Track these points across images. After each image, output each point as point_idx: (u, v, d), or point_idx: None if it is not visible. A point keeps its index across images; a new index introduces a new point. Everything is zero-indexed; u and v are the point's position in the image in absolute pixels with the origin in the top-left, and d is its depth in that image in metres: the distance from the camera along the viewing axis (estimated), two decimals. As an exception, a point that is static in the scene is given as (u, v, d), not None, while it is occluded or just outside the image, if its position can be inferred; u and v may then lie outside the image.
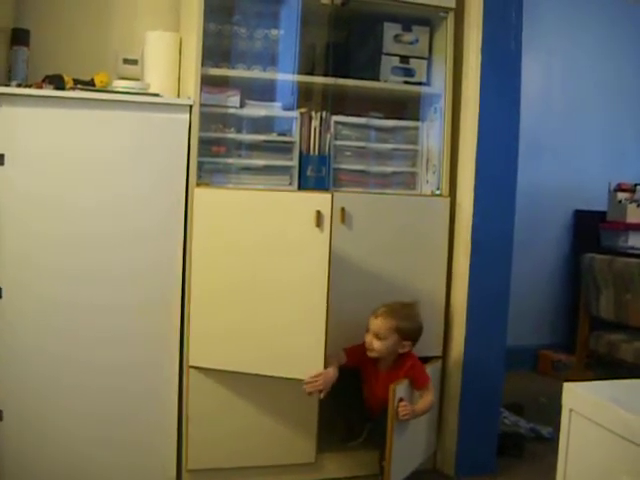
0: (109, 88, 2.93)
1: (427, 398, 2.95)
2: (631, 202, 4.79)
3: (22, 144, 2.71)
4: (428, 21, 3.27)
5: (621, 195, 4.85)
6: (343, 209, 3.00)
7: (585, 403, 1.65)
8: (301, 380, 2.77)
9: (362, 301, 3.03)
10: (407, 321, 2.94)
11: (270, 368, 2.84)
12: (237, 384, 2.96)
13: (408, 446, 2.98)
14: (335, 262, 2.89)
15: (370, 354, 2.95)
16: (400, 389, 2.82)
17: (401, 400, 2.80)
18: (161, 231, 2.87)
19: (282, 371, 2.83)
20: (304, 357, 2.79)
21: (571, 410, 1.68)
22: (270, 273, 2.88)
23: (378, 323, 2.91)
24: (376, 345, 2.91)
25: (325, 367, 2.76)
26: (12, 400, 2.78)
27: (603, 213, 4.94)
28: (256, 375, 2.86)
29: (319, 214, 2.77)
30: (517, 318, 3.72)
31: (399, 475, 2.92)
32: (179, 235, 2.88)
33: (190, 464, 2.96)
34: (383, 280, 3.11)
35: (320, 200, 2.78)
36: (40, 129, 2.73)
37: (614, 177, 4.95)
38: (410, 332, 2.94)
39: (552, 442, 3.53)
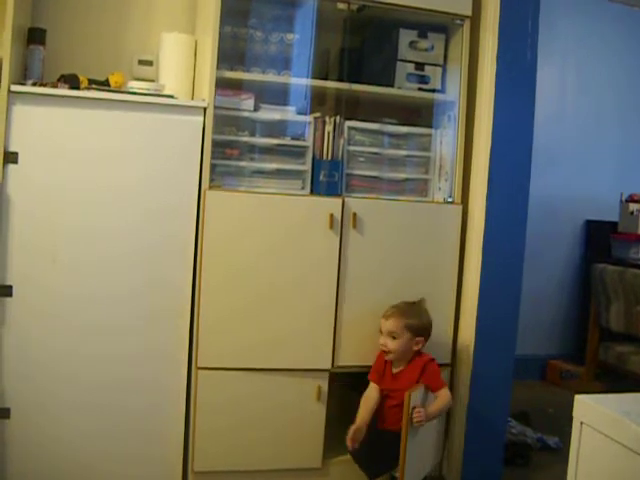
0: (124, 89, 2.94)
1: (442, 396, 2.92)
2: (643, 213, 4.78)
3: (36, 143, 2.72)
4: (444, 28, 3.27)
5: (633, 206, 4.83)
6: (355, 214, 3.00)
7: (596, 416, 1.64)
8: (312, 370, 2.97)
9: (372, 305, 3.06)
10: (417, 318, 2.97)
11: (280, 362, 2.98)
12: (245, 388, 2.97)
13: (419, 454, 2.97)
14: (346, 266, 2.92)
15: (387, 356, 2.96)
16: (415, 395, 2.82)
17: (414, 407, 2.80)
18: (172, 232, 2.88)
19: (292, 364, 3.00)
20: (315, 351, 3.00)
21: (582, 423, 1.67)
22: (281, 275, 2.97)
23: (390, 323, 2.93)
24: (391, 345, 2.92)
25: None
26: (20, 398, 2.78)
27: (615, 224, 4.93)
28: (266, 370, 2.94)
29: (332, 217, 2.90)
30: (527, 327, 3.73)
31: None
32: (190, 236, 2.88)
33: (196, 466, 2.96)
34: (393, 286, 3.11)
35: (333, 204, 2.94)
36: (54, 128, 2.74)
37: (626, 188, 4.93)
38: (421, 328, 2.97)
39: (558, 452, 3.53)
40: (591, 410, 1.66)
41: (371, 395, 2.95)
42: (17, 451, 2.80)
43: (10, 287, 2.73)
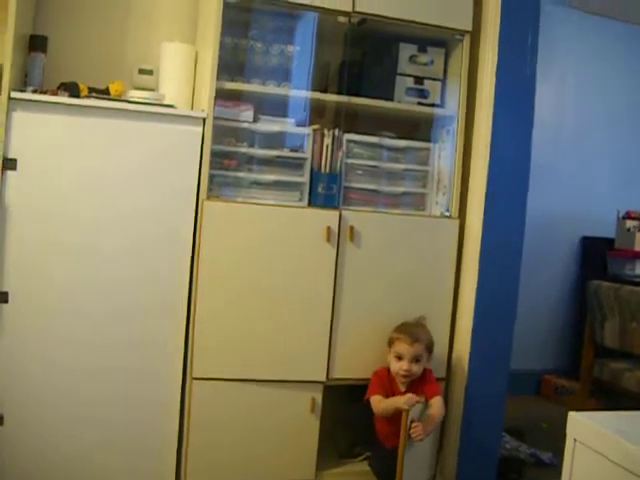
0: (124, 97, 2.94)
1: (436, 405, 2.94)
2: (639, 230, 4.78)
3: (35, 150, 2.72)
4: (444, 43, 3.29)
5: (630, 223, 4.83)
6: (352, 227, 3.01)
7: (590, 433, 1.64)
8: (306, 382, 2.97)
9: (368, 319, 3.08)
10: (429, 337, 3.03)
11: (276, 374, 2.99)
12: (240, 400, 2.96)
13: (413, 469, 2.98)
14: (343, 279, 2.93)
15: (408, 379, 2.98)
16: (413, 411, 2.83)
17: (412, 422, 2.80)
18: (170, 242, 2.88)
19: (287, 375, 3.00)
20: (309, 364, 3.02)
21: (575, 440, 1.67)
22: (278, 286, 2.97)
23: (416, 348, 2.95)
24: (415, 369, 2.96)
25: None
26: (13, 404, 2.77)
27: (611, 240, 4.93)
28: (261, 382, 2.95)
29: (329, 230, 2.93)
30: (522, 342, 3.72)
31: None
32: (188, 247, 2.89)
33: (189, 478, 2.95)
34: (389, 299, 3.12)
35: (330, 217, 2.97)
36: (54, 136, 2.74)
37: (623, 204, 4.93)
38: (432, 346, 3.03)
39: (552, 468, 3.52)
40: (585, 427, 1.66)
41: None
42: (10, 458, 2.79)
43: (6, 293, 2.72)
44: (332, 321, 3.04)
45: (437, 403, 2.94)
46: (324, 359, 3.02)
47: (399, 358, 2.96)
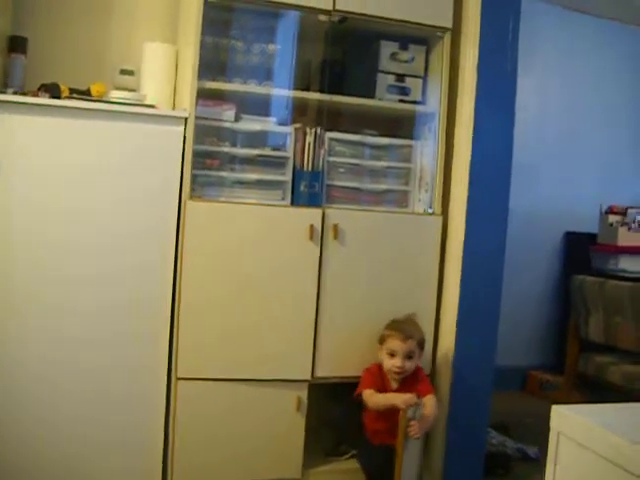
0: (105, 98, 2.93)
1: (430, 404, 2.92)
2: (622, 225, 4.79)
3: (18, 152, 2.71)
4: (425, 40, 3.29)
5: (612, 218, 4.85)
6: (336, 225, 3.01)
7: (573, 426, 1.64)
8: (292, 380, 2.98)
9: (352, 316, 3.09)
10: (421, 333, 3.05)
11: (261, 373, 2.98)
12: (225, 399, 2.96)
13: (405, 467, 2.98)
14: (326, 277, 2.93)
15: (400, 376, 2.98)
16: (411, 409, 2.83)
17: (409, 420, 2.81)
18: (153, 242, 2.87)
19: (272, 374, 3.00)
20: (294, 362, 3.02)
21: (559, 433, 1.67)
22: (261, 285, 2.97)
23: (409, 345, 2.95)
24: (408, 365, 2.96)
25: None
26: (3, 404, 2.76)
27: (594, 235, 4.95)
28: (245, 380, 2.95)
29: (312, 228, 2.93)
30: (507, 338, 3.74)
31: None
32: (171, 247, 2.88)
33: (176, 475, 2.94)
34: (373, 297, 3.12)
35: (313, 215, 2.97)
36: (35, 137, 2.73)
37: (605, 199, 4.96)
38: (424, 342, 3.05)
39: (538, 462, 3.53)
40: (568, 420, 1.66)
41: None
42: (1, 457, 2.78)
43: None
44: (317, 319, 3.04)
45: (431, 402, 2.93)
46: (309, 358, 3.03)
47: (392, 355, 2.96)
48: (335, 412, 3.20)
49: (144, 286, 2.88)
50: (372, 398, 2.93)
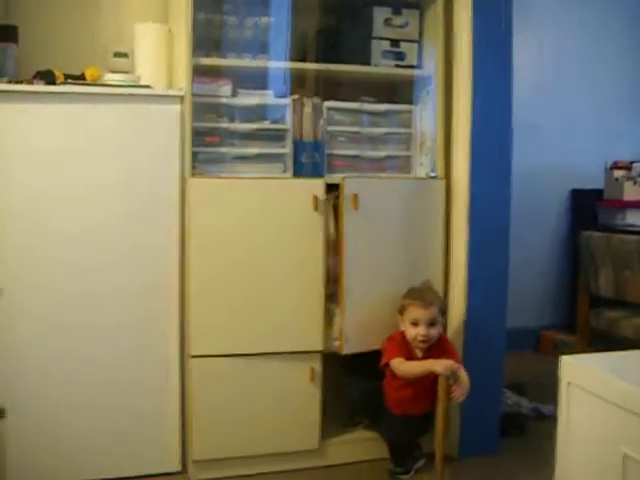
0: (100, 82, 2.92)
1: (463, 374, 2.90)
2: (628, 180, 4.77)
3: (15, 140, 2.71)
4: (417, 4, 3.27)
5: (617, 173, 4.83)
6: (355, 195, 2.95)
7: (583, 375, 1.65)
8: (302, 352, 2.98)
9: (374, 286, 3.07)
10: (441, 299, 3.06)
11: (271, 346, 2.99)
12: (239, 374, 2.97)
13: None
14: (350, 248, 2.95)
15: (426, 345, 2.95)
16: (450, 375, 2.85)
17: (450, 386, 2.82)
18: (157, 222, 2.88)
19: (284, 347, 3.00)
20: (305, 333, 3.01)
21: (569, 383, 1.68)
22: (269, 258, 2.96)
23: (430, 312, 2.93)
24: (432, 333, 2.94)
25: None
26: (14, 397, 2.79)
27: (600, 191, 4.93)
28: (259, 355, 2.96)
29: (316, 199, 2.91)
30: (518, 299, 3.74)
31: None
32: (175, 226, 2.89)
33: (195, 454, 2.97)
34: (390, 265, 3.11)
35: (316, 185, 2.95)
36: (33, 125, 2.73)
37: (610, 155, 4.93)
38: (445, 307, 3.07)
39: (554, 420, 3.53)
40: (577, 370, 1.67)
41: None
42: (14, 451, 2.81)
43: (-1, 287, 2.73)
44: (325, 281, 3.03)
45: (464, 372, 2.90)
46: (320, 328, 3.02)
47: (414, 324, 2.94)
48: (350, 382, 3.20)
49: (151, 267, 2.89)
50: (403, 367, 2.89)
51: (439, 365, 2.82)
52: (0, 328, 2.75)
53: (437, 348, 2.97)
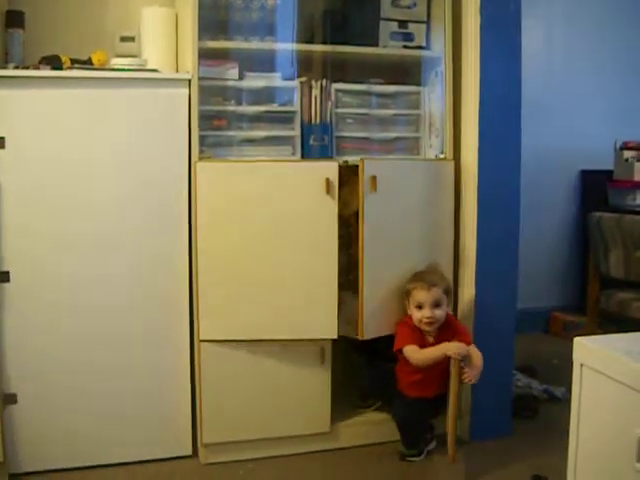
0: (107, 66, 2.92)
1: (476, 354, 2.91)
2: (638, 160, 4.74)
3: (23, 126, 2.70)
4: (425, -16, 3.24)
5: (628, 153, 4.80)
6: (374, 177, 2.87)
7: (596, 357, 1.64)
8: (316, 340, 2.94)
9: (391, 268, 3.03)
10: (446, 280, 3.04)
11: (282, 332, 2.94)
12: (249, 357, 2.97)
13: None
14: (368, 230, 2.88)
15: (432, 327, 2.94)
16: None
17: (462, 368, 2.82)
18: (166, 207, 2.87)
19: (295, 333, 2.94)
20: (317, 315, 2.93)
21: (582, 365, 1.67)
22: (278, 244, 2.91)
23: (434, 293, 2.92)
24: (438, 314, 2.93)
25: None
26: (25, 383, 2.80)
27: (610, 172, 4.90)
28: (269, 341, 2.94)
29: (328, 181, 2.83)
30: (528, 280, 3.73)
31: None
32: (184, 211, 2.88)
33: (205, 438, 2.97)
34: (405, 248, 3.08)
35: (328, 168, 2.87)
36: (40, 111, 2.72)
37: (619, 135, 4.90)
38: (451, 289, 3.04)
39: (565, 402, 3.53)
40: (590, 351, 1.66)
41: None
42: (26, 435, 2.82)
43: (7, 273, 2.73)
44: (337, 265, 2.95)
45: (476, 352, 2.91)
46: (334, 317, 2.94)
47: (419, 307, 2.93)
48: (361, 364, 3.20)
49: (160, 250, 2.89)
50: (418, 355, 2.88)
51: (451, 348, 2.82)
52: (9, 315, 2.75)
53: (448, 330, 2.97)
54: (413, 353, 2.89)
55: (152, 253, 2.88)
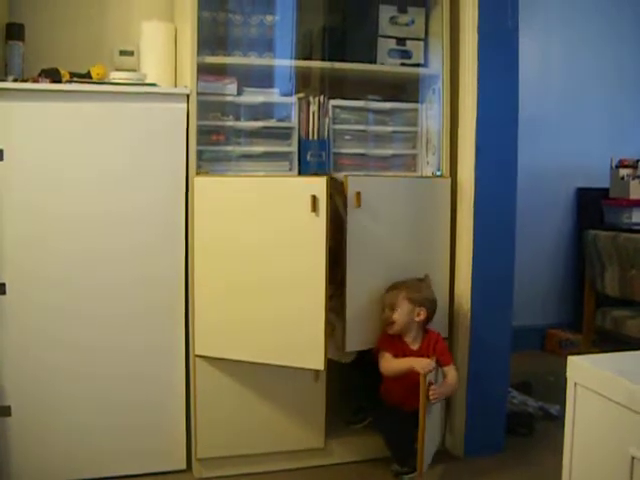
0: (106, 80, 2.92)
1: (452, 374, 2.96)
2: (634, 178, 4.76)
3: (21, 139, 2.71)
4: (423, 2, 3.26)
5: (623, 171, 4.82)
6: (359, 193, 2.85)
7: (590, 376, 1.64)
8: (303, 369, 2.82)
9: (367, 286, 2.99)
10: (414, 288, 2.98)
11: (272, 357, 2.84)
12: (244, 372, 2.95)
13: (431, 430, 2.98)
14: (352, 245, 2.87)
15: (391, 329, 2.95)
16: (430, 374, 2.84)
17: (430, 384, 2.82)
18: (162, 222, 2.87)
19: (284, 359, 2.82)
20: (305, 343, 2.76)
21: (576, 384, 1.68)
22: (270, 260, 2.83)
23: (388, 296, 2.95)
24: (395, 317, 2.93)
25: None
26: (19, 394, 2.79)
27: (606, 190, 4.91)
28: (258, 364, 2.88)
29: (315, 199, 2.68)
30: (523, 298, 3.74)
31: (428, 459, 2.96)
32: (180, 226, 2.88)
33: (200, 453, 2.97)
34: (394, 263, 3.06)
35: (315, 185, 2.69)
36: (38, 123, 2.73)
37: (615, 154, 4.92)
38: (420, 298, 2.97)
39: (560, 420, 3.52)
40: (584, 370, 1.66)
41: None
42: (19, 448, 2.80)
43: (3, 285, 2.73)
44: (326, 289, 2.82)
45: (452, 372, 2.96)
46: (321, 330, 2.72)
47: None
48: (353, 379, 3.20)
49: (156, 265, 2.88)
50: (385, 363, 2.94)
51: (418, 363, 2.84)
52: (5, 326, 2.74)
53: (431, 346, 2.99)
54: (382, 360, 2.95)
55: (149, 265, 2.88)
